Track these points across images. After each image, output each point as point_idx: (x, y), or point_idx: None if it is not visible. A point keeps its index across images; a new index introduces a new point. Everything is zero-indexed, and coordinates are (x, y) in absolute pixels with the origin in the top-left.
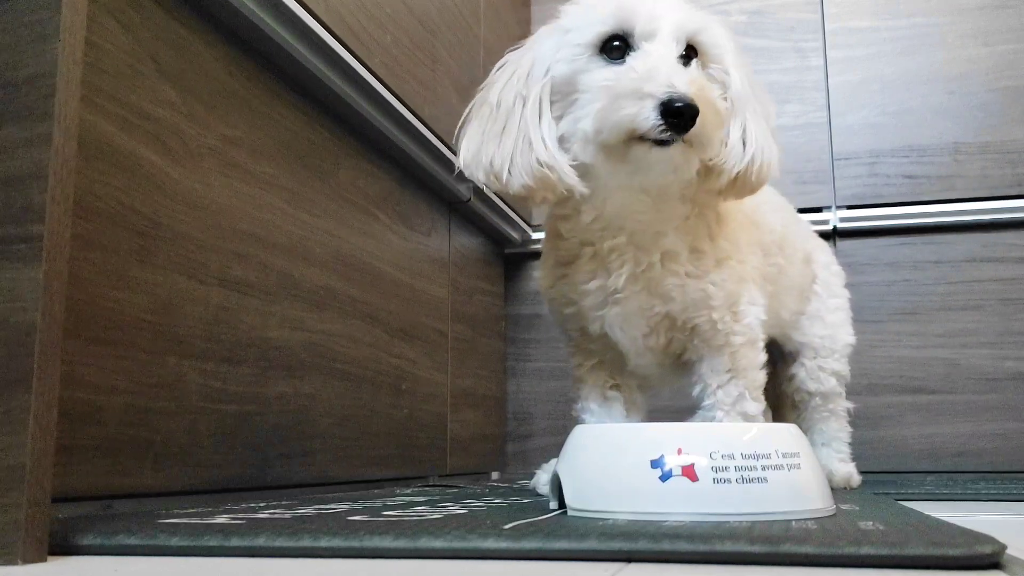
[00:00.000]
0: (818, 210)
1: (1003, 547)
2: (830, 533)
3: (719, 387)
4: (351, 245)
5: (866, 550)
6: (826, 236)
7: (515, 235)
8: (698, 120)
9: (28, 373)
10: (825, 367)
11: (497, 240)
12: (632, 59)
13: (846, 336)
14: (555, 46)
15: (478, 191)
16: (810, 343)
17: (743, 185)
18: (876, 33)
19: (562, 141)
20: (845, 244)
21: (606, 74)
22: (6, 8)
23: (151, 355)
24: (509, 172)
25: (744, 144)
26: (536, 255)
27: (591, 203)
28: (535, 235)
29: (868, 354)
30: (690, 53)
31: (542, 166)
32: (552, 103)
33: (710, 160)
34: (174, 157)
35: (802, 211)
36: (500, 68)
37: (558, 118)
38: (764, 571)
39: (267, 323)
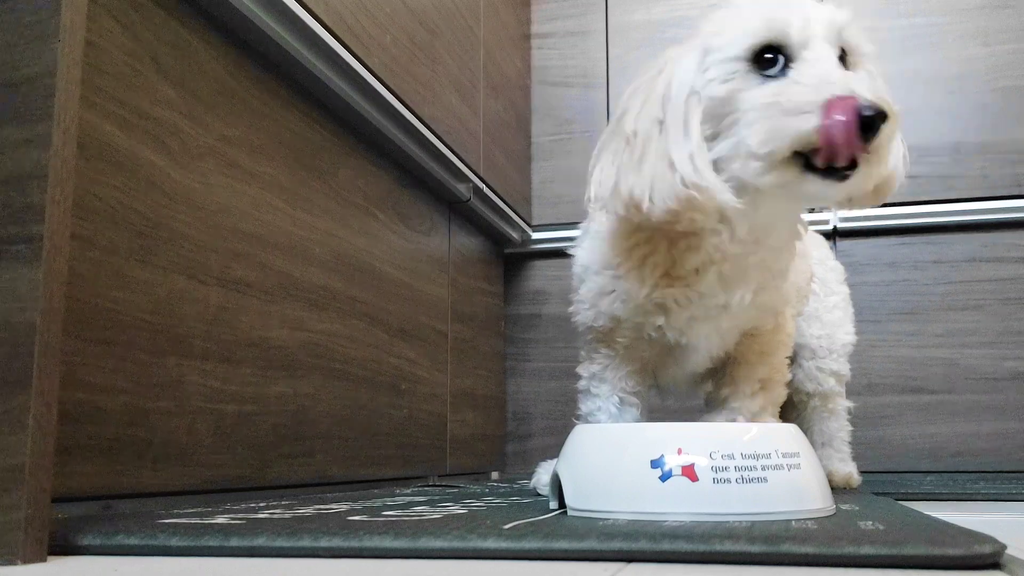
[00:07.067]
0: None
1: (1003, 547)
2: (830, 533)
3: (749, 395)
4: (351, 245)
5: (866, 550)
6: (826, 236)
7: (515, 235)
8: (884, 132)
9: (28, 373)
10: (823, 368)
11: (497, 240)
12: (796, 70)
13: (845, 335)
14: (697, 65)
15: (478, 191)
16: (807, 344)
17: (878, 194)
18: (876, 33)
19: (718, 163)
20: (845, 244)
21: (771, 89)
22: (6, 8)
23: (151, 355)
24: (651, 199)
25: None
26: (536, 255)
27: (746, 217)
28: (535, 235)
29: (868, 354)
30: (843, 57)
31: (688, 187)
32: (702, 124)
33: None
34: (174, 157)
35: None
36: (631, 95)
37: (710, 139)
38: (764, 571)
39: (267, 323)
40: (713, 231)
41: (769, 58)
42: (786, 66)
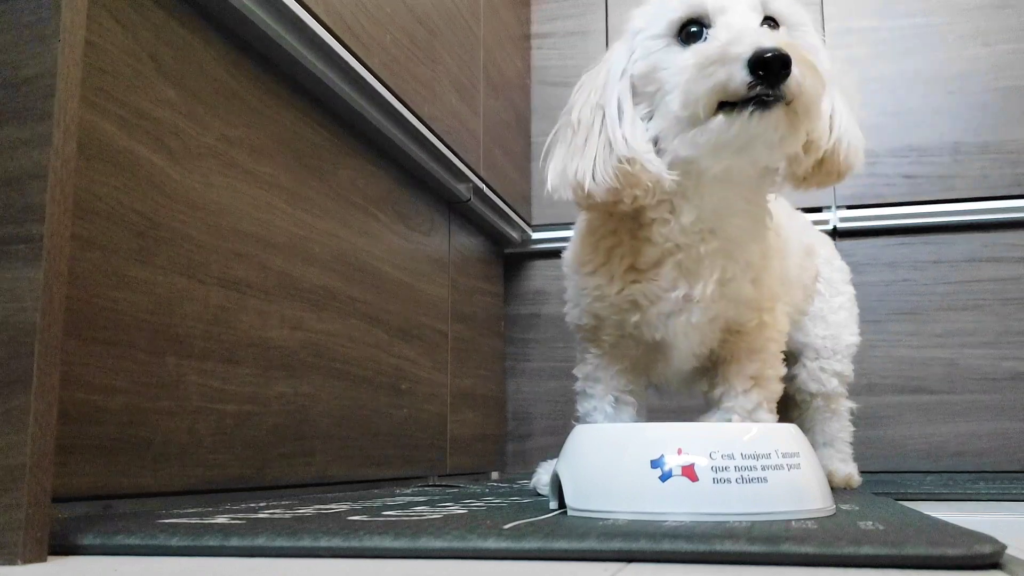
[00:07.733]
0: (818, 210)
1: (1003, 547)
2: (830, 533)
3: (742, 392)
4: (351, 245)
5: (866, 550)
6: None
7: (515, 235)
8: (797, 77)
9: (28, 373)
10: (827, 368)
11: (497, 240)
12: (712, 34)
13: (849, 336)
14: (627, 50)
15: (478, 191)
16: (812, 344)
17: (829, 169)
18: (876, 33)
19: (657, 142)
20: (845, 244)
21: (687, 55)
22: (6, 8)
23: (151, 355)
24: (593, 179)
25: (831, 122)
26: (535, 255)
27: (691, 202)
28: (535, 235)
29: (868, 354)
30: (772, 24)
31: (622, 162)
32: (637, 105)
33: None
34: (174, 157)
35: (802, 211)
36: (578, 89)
37: (646, 118)
38: (764, 571)
39: (267, 323)
40: (662, 220)
41: (694, 31)
42: (703, 38)
